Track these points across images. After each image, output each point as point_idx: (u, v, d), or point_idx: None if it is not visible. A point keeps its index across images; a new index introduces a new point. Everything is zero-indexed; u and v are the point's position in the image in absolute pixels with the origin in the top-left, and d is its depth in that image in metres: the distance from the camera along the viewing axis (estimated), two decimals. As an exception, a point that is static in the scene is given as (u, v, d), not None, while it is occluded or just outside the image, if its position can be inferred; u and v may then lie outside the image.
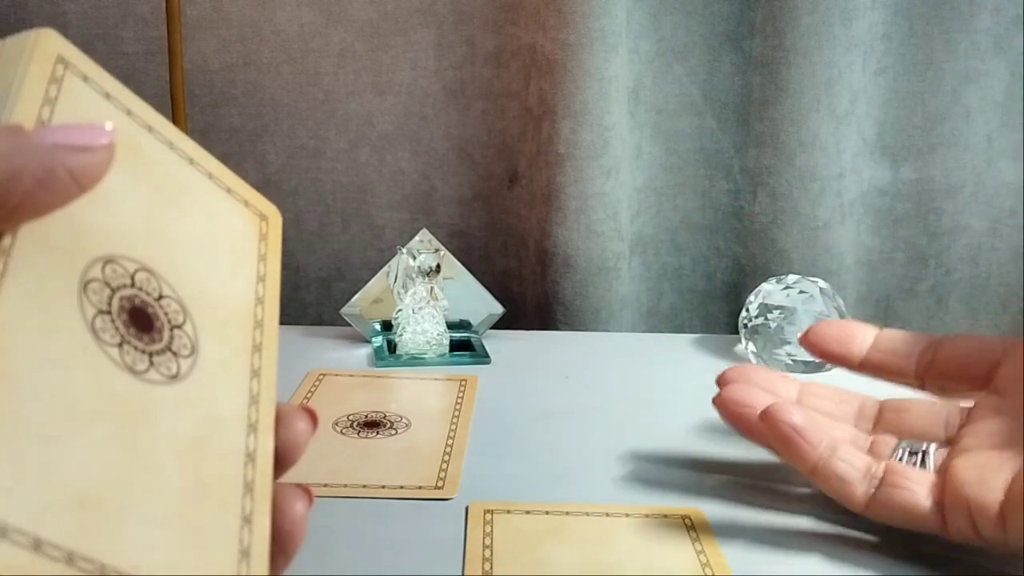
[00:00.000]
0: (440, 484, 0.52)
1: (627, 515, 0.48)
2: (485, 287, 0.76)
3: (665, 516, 0.48)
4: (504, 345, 0.75)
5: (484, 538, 0.46)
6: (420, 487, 0.51)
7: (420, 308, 0.72)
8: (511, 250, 0.88)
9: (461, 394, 0.65)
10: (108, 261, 0.26)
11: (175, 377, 0.27)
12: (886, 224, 0.85)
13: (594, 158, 0.79)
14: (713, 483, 0.53)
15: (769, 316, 0.70)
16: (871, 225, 0.85)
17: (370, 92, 0.86)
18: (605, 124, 0.79)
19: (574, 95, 0.78)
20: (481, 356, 0.72)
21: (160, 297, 0.28)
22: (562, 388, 0.67)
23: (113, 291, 0.26)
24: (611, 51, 0.78)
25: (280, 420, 0.30)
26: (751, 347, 0.71)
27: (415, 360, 0.71)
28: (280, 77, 0.86)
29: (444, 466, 0.54)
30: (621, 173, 0.81)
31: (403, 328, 0.72)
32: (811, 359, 0.69)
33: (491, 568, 0.43)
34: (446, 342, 0.73)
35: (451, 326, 0.74)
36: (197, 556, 0.25)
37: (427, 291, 0.72)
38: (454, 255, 0.75)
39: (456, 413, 0.62)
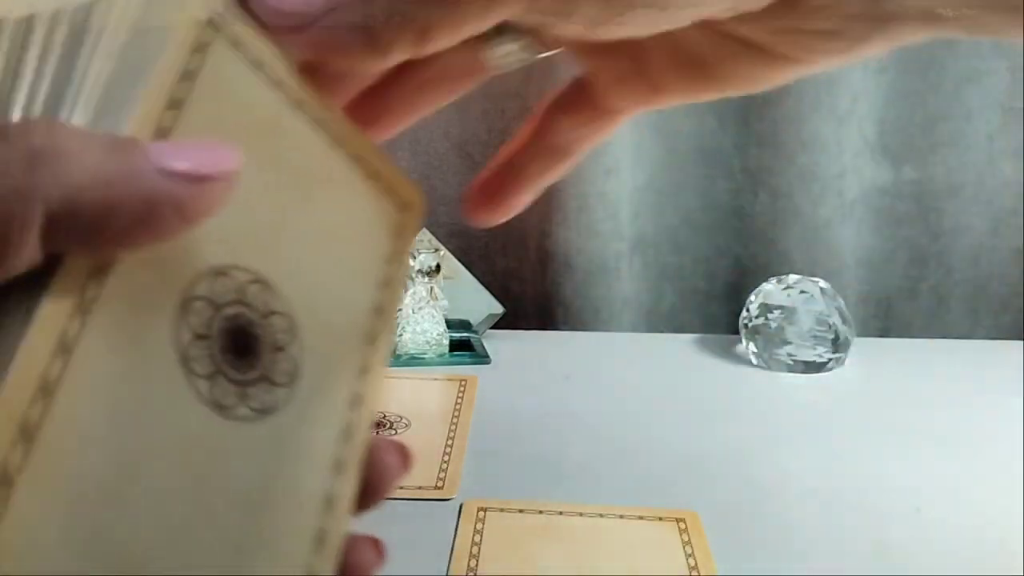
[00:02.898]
0: (440, 484, 0.51)
1: (621, 516, 0.48)
2: (485, 287, 0.76)
3: (660, 519, 0.48)
4: (504, 345, 0.75)
5: (474, 536, 0.45)
6: (420, 487, 0.51)
7: (420, 308, 0.71)
8: (511, 250, 0.88)
9: (461, 394, 0.65)
10: (220, 273, 0.23)
11: (265, 411, 0.23)
12: (887, 224, 0.84)
13: (594, 157, 0.79)
14: (711, 486, 0.52)
15: (770, 316, 0.69)
16: (872, 225, 0.84)
17: (369, 91, 0.86)
18: (605, 123, 0.79)
19: (574, 94, 0.78)
20: (481, 356, 0.72)
21: (269, 314, 0.24)
22: (562, 388, 0.67)
23: (217, 309, 0.23)
24: (611, 50, 0.77)
25: (369, 455, 0.26)
26: (752, 347, 0.71)
27: (415, 360, 0.71)
28: (279, 76, 0.86)
29: (444, 466, 0.54)
30: (622, 172, 0.81)
31: (403, 328, 0.72)
32: (812, 359, 0.69)
33: (476, 565, 0.43)
34: (446, 342, 0.72)
35: (451, 326, 0.74)
36: None
37: (427, 291, 0.71)
38: (454, 255, 0.75)
39: (456, 413, 0.62)
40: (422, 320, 0.71)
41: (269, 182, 0.24)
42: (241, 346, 0.23)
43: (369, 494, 0.26)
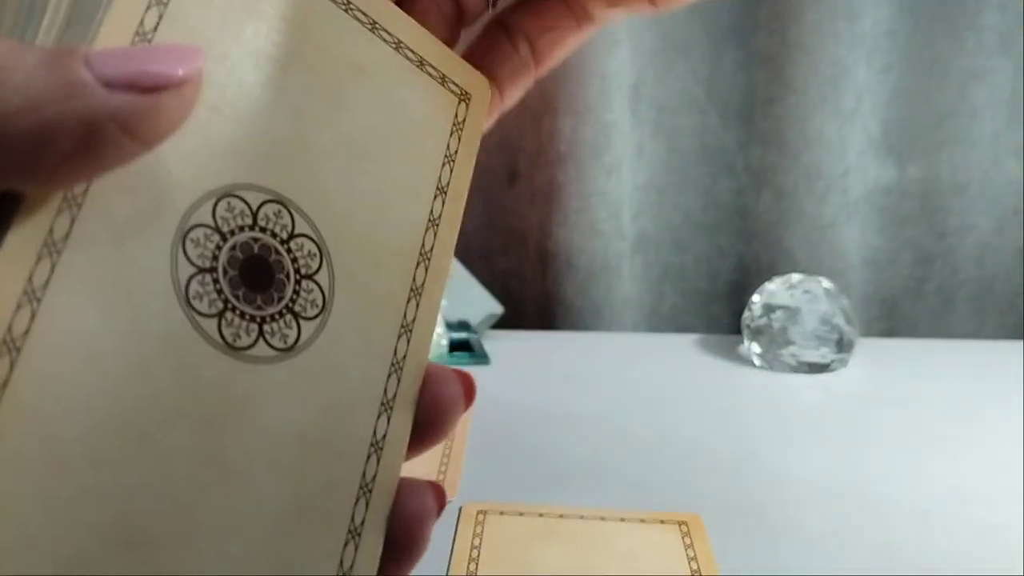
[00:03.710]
0: (438, 487, 0.51)
1: (622, 519, 0.47)
2: (485, 287, 0.75)
3: (661, 521, 0.47)
4: (504, 345, 0.74)
5: (473, 539, 0.45)
6: (418, 490, 0.50)
7: (419, 308, 0.71)
8: (511, 250, 0.87)
9: (460, 395, 0.64)
10: (226, 195, 0.20)
11: (291, 349, 0.20)
12: (892, 223, 0.84)
13: (595, 156, 0.78)
14: (714, 488, 0.52)
15: (773, 316, 0.69)
16: (877, 224, 0.84)
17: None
18: (606, 121, 0.78)
19: (575, 92, 0.77)
20: (480, 357, 0.71)
21: (291, 237, 0.21)
22: (563, 389, 0.66)
23: (224, 238, 0.19)
24: (613, 46, 0.77)
25: (426, 382, 0.23)
26: (754, 347, 0.70)
27: (413, 360, 0.71)
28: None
29: (443, 468, 0.53)
30: (623, 171, 0.80)
31: (401, 328, 0.71)
32: (816, 360, 0.68)
33: (476, 568, 0.42)
34: (445, 343, 0.72)
35: (450, 326, 0.73)
36: None
37: (426, 290, 0.71)
38: (454, 255, 0.74)
39: (455, 414, 0.61)
40: (421, 320, 0.71)
41: (288, 81, 0.21)
42: (257, 277, 0.20)
43: (426, 433, 0.23)
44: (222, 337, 0.19)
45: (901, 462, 0.55)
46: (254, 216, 0.20)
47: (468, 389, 0.24)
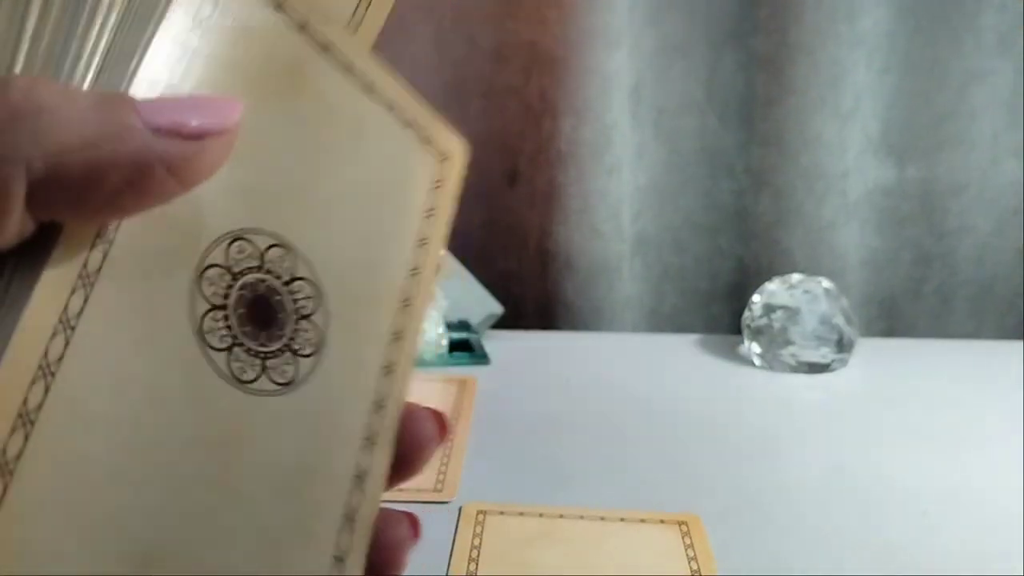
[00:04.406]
0: (439, 487, 0.51)
1: (622, 519, 0.48)
2: (485, 287, 0.75)
3: (661, 521, 0.47)
4: (504, 346, 0.74)
5: (473, 539, 0.45)
6: (419, 490, 0.50)
7: (419, 308, 0.71)
8: (511, 250, 0.87)
9: (460, 395, 0.64)
10: (237, 238, 0.21)
11: (289, 384, 0.22)
12: (891, 224, 0.84)
13: (595, 156, 0.79)
14: (714, 488, 0.52)
15: (773, 316, 0.69)
16: (876, 225, 0.84)
17: (369, 90, 0.85)
18: (606, 122, 0.78)
19: (575, 92, 0.77)
20: (480, 357, 0.71)
21: (292, 280, 0.22)
22: (562, 389, 0.66)
23: (235, 278, 0.21)
24: (613, 47, 0.77)
25: (403, 424, 0.25)
26: (754, 348, 0.70)
27: (414, 361, 0.70)
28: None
29: (443, 469, 0.53)
30: (623, 172, 0.81)
31: (402, 328, 0.71)
32: (816, 360, 0.68)
33: (476, 568, 0.42)
34: (445, 343, 0.72)
35: (450, 326, 0.73)
36: None
37: (426, 291, 0.71)
38: (454, 255, 0.74)
39: (455, 415, 0.61)
40: (421, 320, 0.71)
41: (292, 135, 0.23)
42: (261, 315, 0.22)
43: (403, 466, 0.25)
44: (230, 371, 0.21)
45: (900, 462, 0.55)
46: (262, 258, 0.22)
47: (442, 428, 0.26)
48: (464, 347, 0.73)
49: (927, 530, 0.47)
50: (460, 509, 0.48)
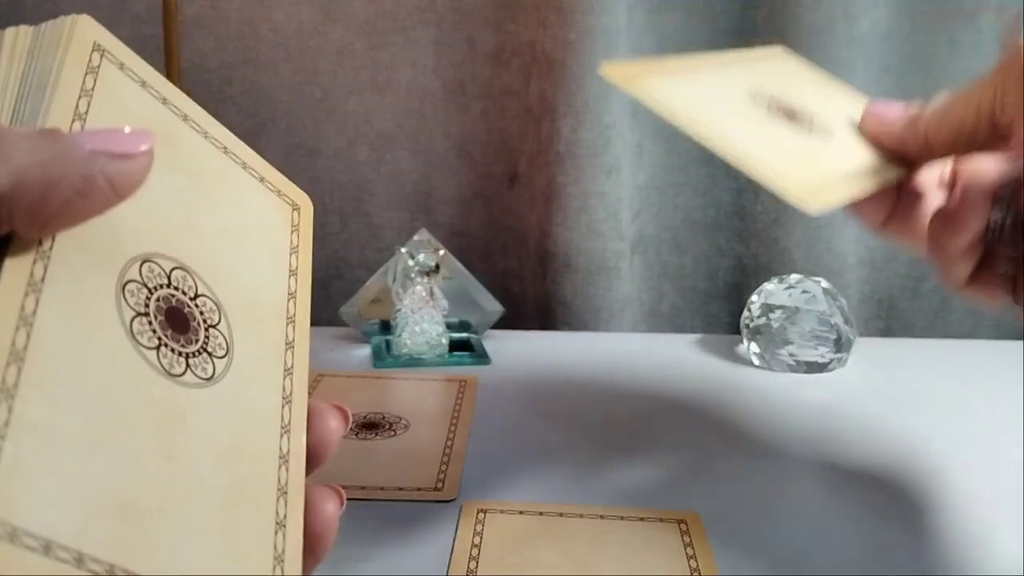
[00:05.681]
0: (439, 486, 0.51)
1: (622, 518, 0.48)
2: (485, 287, 0.75)
3: (661, 520, 0.48)
4: (504, 345, 0.74)
5: (474, 537, 0.45)
6: (419, 488, 0.51)
7: (419, 308, 0.71)
8: (511, 250, 0.88)
9: (460, 395, 0.64)
10: (146, 260, 0.26)
11: (211, 379, 0.26)
12: (889, 223, 0.84)
13: (595, 157, 0.79)
14: (713, 486, 0.52)
15: (771, 316, 0.69)
16: (874, 224, 0.84)
17: (369, 90, 0.86)
18: (606, 122, 0.78)
19: (575, 93, 0.78)
20: (481, 357, 0.72)
21: (196, 296, 0.27)
22: (562, 389, 0.67)
23: (151, 292, 0.26)
24: (612, 49, 0.77)
25: (311, 418, 0.29)
26: (753, 347, 0.70)
27: (414, 361, 0.71)
28: (278, 75, 0.86)
29: (443, 468, 0.53)
30: (622, 172, 0.81)
31: (402, 328, 0.71)
32: (814, 359, 0.69)
33: (477, 567, 0.43)
34: (445, 342, 0.72)
35: (451, 326, 0.73)
36: (234, 562, 0.24)
37: (426, 291, 0.71)
38: (454, 255, 0.74)
39: (455, 414, 0.61)
40: (421, 320, 0.71)
41: (174, 182, 0.28)
42: (177, 323, 0.26)
43: (313, 456, 0.29)
44: (161, 365, 0.25)
45: (899, 461, 0.55)
46: (168, 277, 0.27)
47: (344, 419, 0.30)
48: (464, 347, 0.74)
49: (923, 528, 0.47)
50: (461, 508, 0.48)
